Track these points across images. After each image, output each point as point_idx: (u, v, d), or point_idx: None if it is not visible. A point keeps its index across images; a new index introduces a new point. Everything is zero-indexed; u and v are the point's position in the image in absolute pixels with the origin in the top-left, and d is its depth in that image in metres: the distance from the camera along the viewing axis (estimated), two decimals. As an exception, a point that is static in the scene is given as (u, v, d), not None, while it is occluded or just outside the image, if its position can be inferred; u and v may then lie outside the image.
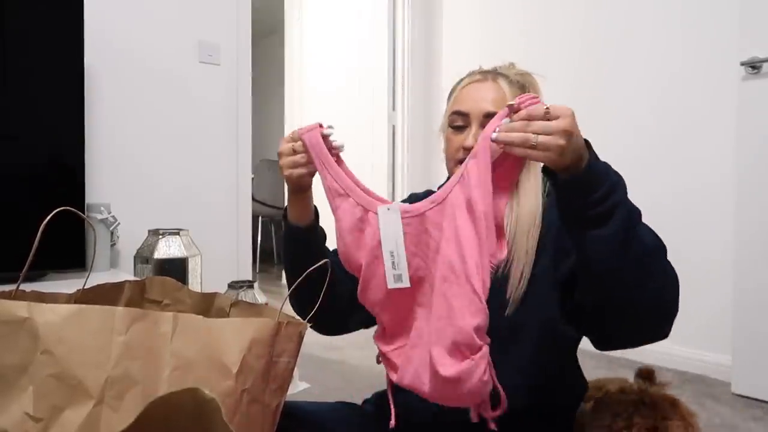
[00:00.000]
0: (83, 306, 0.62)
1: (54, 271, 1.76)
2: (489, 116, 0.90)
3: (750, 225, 1.87)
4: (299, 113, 3.93)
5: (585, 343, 1.53)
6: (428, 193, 1.06)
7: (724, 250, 2.04)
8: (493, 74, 0.95)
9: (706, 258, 2.12)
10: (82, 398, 0.59)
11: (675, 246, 2.41)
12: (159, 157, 2.22)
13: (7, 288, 0.76)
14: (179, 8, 2.25)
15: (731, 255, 1.94)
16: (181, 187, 2.27)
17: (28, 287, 0.80)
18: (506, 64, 1.00)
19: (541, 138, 0.65)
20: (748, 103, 1.89)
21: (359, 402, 1.06)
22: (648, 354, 2.20)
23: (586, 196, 0.69)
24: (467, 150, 0.90)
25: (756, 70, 1.86)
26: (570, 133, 0.65)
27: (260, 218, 4.62)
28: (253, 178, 2.98)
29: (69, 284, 1.73)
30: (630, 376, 1.40)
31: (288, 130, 4.10)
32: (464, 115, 0.93)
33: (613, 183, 0.70)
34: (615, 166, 0.75)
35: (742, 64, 1.87)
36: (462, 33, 3.07)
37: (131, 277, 1.86)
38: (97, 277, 1.83)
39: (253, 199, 3.62)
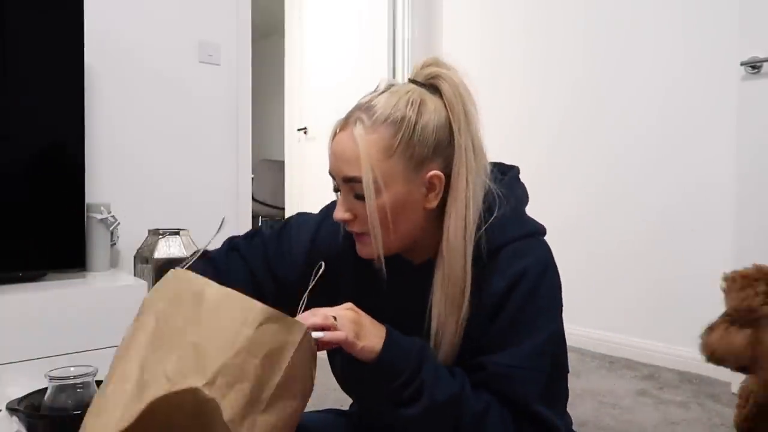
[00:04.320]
0: (234, 292, 0.63)
1: (54, 271, 1.76)
2: (349, 181, 0.73)
3: (751, 225, 1.87)
4: (299, 113, 3.93)
5: (586, 343, 1.52)
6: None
7: (724, 251, 2.04)
8: (356, 115, 0.73)
9: (707, 258, 2.12)
10: (199, 375, 0.59)
11: (675, 247, 2.42)
12: (159, 157, 2.22)
13: (6, 287, 0.76)
14: (179, 8, 2.25)
15: (732, 255, 1.94)
16: (181, 187, 2.27)
17: (28, 287, 0.80)
18: (420, 65, 0.79)
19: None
20: (748, 103, 1.89)
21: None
22: (649, 354, 2.20)
23: (390, 382, 0.69)
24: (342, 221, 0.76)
25: (756, 70, 1.86)
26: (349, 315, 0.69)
27: (260, 218, 4.62)
28: (253, 178, 2.98)
29: (69, 284, 1.74)
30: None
31: (288, 130, 4.11)
32: (333, 177, 0.76)
33: (415, 367, 0.70)
34: (615, 166, 0.75)
35: (742, 64, 1.87)
36: (462, 33, 3.07)
37: (131, 277, 1.86)
38: (97, 277, 1.83)
39: (253, 199, 3.62)
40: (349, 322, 0.68)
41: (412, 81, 0.77)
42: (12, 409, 1.24)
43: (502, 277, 0.74)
